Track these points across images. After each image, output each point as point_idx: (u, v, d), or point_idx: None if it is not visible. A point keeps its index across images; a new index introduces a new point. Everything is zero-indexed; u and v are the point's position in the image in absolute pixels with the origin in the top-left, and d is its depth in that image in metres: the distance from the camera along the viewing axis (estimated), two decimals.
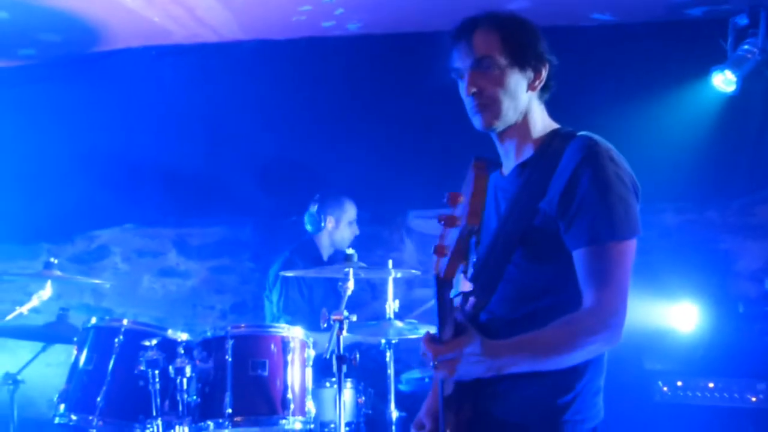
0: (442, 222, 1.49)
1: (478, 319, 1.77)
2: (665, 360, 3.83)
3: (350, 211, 4.18)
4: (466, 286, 1.75)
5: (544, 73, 1.82)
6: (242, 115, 4.49)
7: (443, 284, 1.53)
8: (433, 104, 4.23)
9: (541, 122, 1.85)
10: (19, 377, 3.32)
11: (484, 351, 1.56)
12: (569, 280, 1.67)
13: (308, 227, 4.16)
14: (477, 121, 1.81)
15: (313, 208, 4.11)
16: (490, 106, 1.77)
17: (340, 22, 4.27)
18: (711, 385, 3.68)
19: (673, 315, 3.98)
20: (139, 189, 4.59)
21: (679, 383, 3.72)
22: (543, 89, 1.85)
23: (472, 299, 1.78)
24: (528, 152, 1.83)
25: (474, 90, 1.76)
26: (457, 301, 1.69)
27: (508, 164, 1.87)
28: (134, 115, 4.50)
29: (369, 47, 4.40)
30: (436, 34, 4.16)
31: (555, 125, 1.87)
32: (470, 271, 1.49)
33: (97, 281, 4.24)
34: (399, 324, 3.40)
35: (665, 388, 3.74)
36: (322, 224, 4.11)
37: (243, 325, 3.04)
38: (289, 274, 3.59)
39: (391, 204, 4.67)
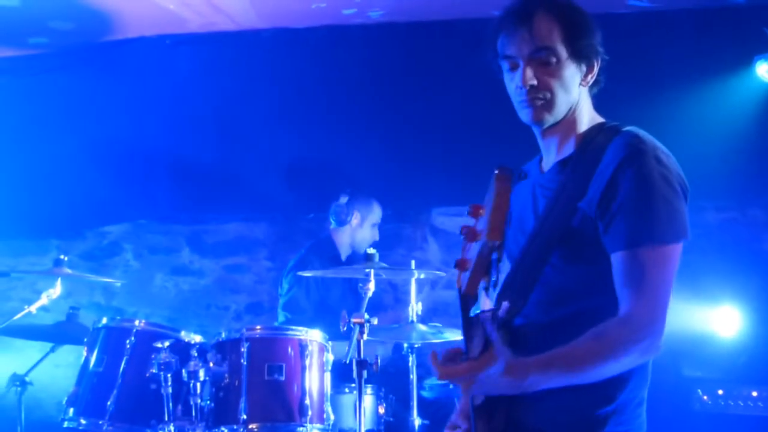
0: (463, 235, 1.46)
1: (512, 323, 1.71)
2: (705, 367, 3.76)
3: (377, 212, 4.11)
4: (486, 303, 1.71)
5: (596, 67, 1.77)
6: (259, 107, 4.43)
7: (466, 299, 1.50)
8: (459, 96, 4.18)
9: (588, 116, 1.80)
10: (27, 378, 3.28)
11: (507, 371, 1.49)
12: (607, 284, 1.61)
13: (332, 219, 4.08)
14: (526, 114, 1.75)
15: (343, 200, 4.03)
16: (545, 100, 1.72)
17: (361, 10, 4.22)
18: (754, 393, 3.59)
19: (713, 319, 3.90)
20: (151, 183, 4.55)
21: (720, 392, 3.64)
22: (594, 84, 1.80)
23: (506, 303, 1.72)
24: (570, 148, 1.77)
25: (529, 84, 1.70)
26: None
27: (549, 160, 1.81)
28: (148, 106, 4.45)
29: (391, 36, 4.33)
30: (461, 22, 4.12)
31: (600, 119, 1.81)
32: (491, 288, 1.45)
33: (108, 279, 4.16)
34: (422, 327, 3.34)
35: (705, 397, 3.66)
36: (348, 218, 4.01)
37: (259, 327, 2.99)
38: (307, 274, 3.52)
39: (414, 201, 4.61)
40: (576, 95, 1.75)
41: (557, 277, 1.67)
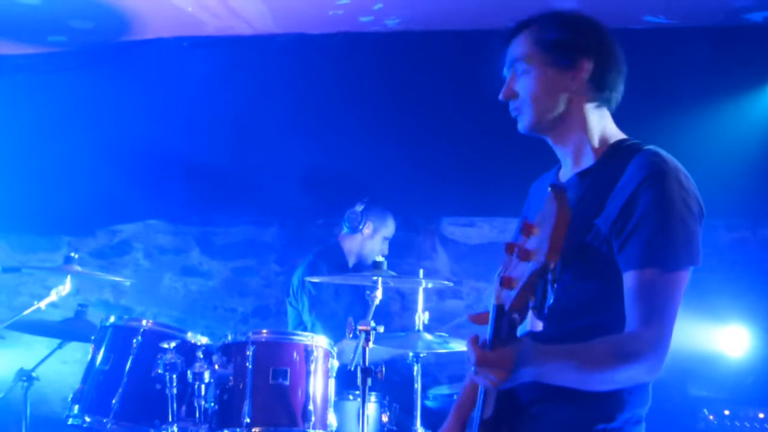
0: (514, 253, 1.40)
1: None
2: (712, 386, 3.73)
3: (390, 227, 4.10)
4: (538, 325, 1.70)
5: (588, 67, 1.70)
6: (273, 111, 4.43)
7: (503, 315, 1.44)
8: (471, 106, 4.16)
9: (599, 125, 1.76)
10: (33, 374, 3.28)
11: (534, 353, 1.48)
12: (614, 302, 1.60)
13: (345, 225, 4.07)
14: (519, 126, 1.79)
15: (359, 208, 4.03)
16: (523, 110, 1.74)
17: (378, 18, 4.21)
18: (761, 415, 3.54)
19: (721, 338, 3.88)
20: (164, 184, 4.55)
21: (727, 412, 3.60)
22: (597, 89, 1.72)
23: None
24: (588, 160, 1.74)
25: (502, 97, 1.77)
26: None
27: (566, 171, 1.80)
28: (163, 107, 4.46)
29: (407, 45, 4.33)
30: (477, 33, 4.12)
31: (620, 135, 1.78)
32: (541, 309, 1.41)
33: (117, 278, 4.17)
34: (428, 337, 3.32)
35: (711, 417, 3.61)
36: (361, 226, 4.00)
37: (265, 330, 2.96)
38: (315, 280, 3.53)
39: (424, 209, 4.59)
40: (562, 100, 1.71)
41: (566, 292, 1.66)
